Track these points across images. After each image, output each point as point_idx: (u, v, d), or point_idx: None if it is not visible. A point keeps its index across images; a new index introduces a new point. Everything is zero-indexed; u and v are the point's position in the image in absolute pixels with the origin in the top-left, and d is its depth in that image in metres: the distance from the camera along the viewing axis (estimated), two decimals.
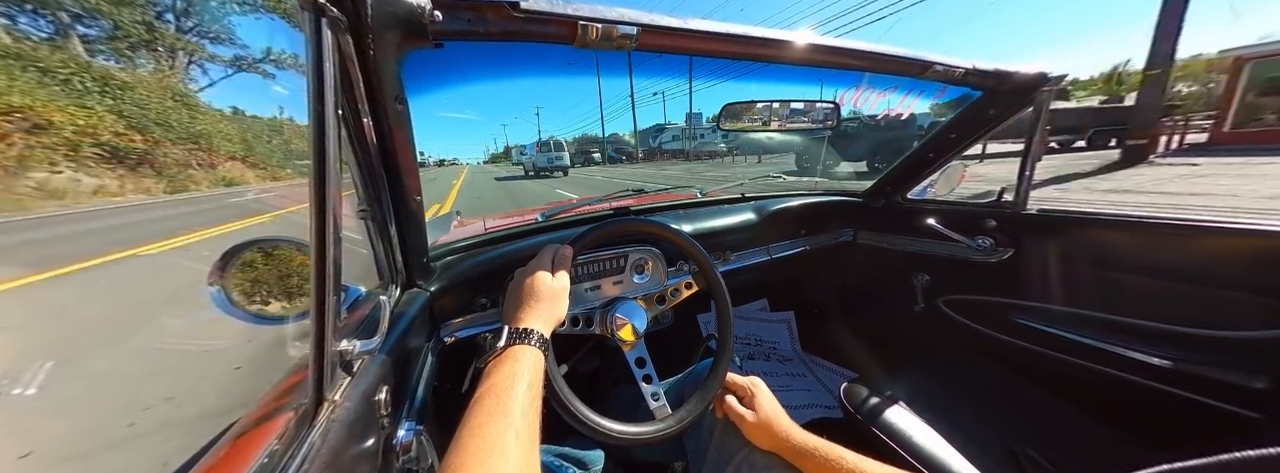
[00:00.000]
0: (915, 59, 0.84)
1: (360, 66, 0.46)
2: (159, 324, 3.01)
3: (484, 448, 0.42)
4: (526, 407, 0.48)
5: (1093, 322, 1.07)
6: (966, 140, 1.26)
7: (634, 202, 1.46)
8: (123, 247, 5.47)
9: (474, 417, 0.45)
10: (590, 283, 0.94)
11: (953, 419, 0.93)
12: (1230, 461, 0.41)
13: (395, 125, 0.55)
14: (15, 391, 2.12)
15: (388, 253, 0.70)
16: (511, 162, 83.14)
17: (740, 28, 0.64)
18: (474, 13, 0.49)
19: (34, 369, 2.29)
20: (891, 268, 1.53)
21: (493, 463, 0.40)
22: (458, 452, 0.41)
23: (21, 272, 4.42)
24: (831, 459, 0.61)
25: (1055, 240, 1.13)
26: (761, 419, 0.71)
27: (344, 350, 0.46)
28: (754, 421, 0.71)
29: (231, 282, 0.56)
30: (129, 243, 5.72)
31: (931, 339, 1.46)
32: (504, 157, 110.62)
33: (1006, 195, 1.22)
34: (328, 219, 0.39)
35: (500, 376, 0.51)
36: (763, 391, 0.76)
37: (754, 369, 1.71)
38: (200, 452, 0.44)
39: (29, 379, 2.19)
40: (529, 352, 0.55)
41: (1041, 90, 1.01)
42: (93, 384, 2.21)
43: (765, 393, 0.76)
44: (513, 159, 75.58)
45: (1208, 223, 0.91)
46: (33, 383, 2.17)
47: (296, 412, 0.44)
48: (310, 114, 0.37)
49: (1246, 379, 0.85)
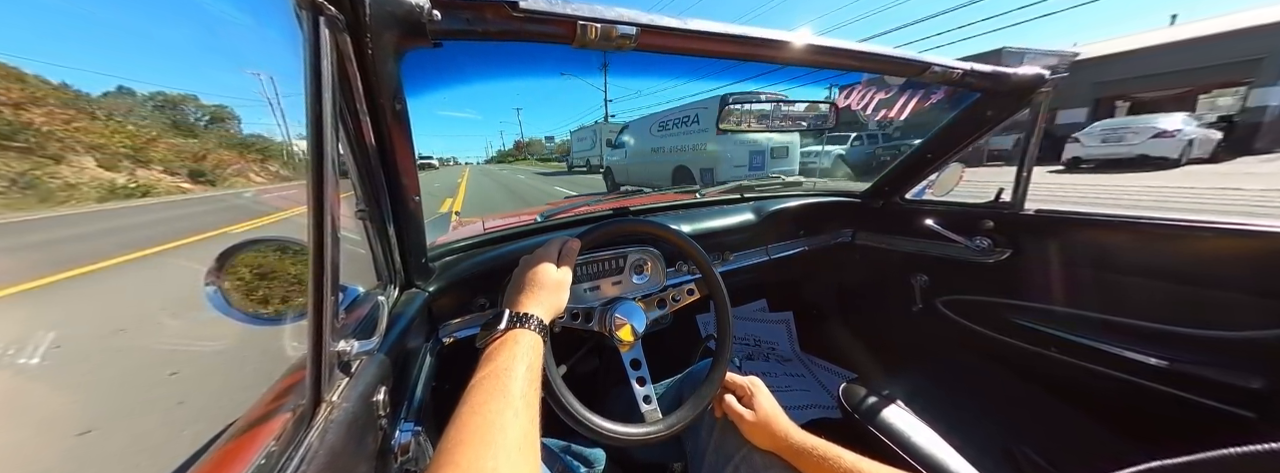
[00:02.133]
0: (913, 60, 0.84)
1: (358, 66, 0.46)
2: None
3: (483, 425, 0.42)
4: (526, 388, 0.48)
5: (1090, 322, 1.08)
6: (965, 141, 1.27)
7: (633, 202, 1.46)
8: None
9: (474, 396, 0.45)
10: (589, 283, 0.94)
11: (951, 419, 0.93)
12: (1223, 457, 0.41)
13: (394, 125, 0.55)
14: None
15: (386, 253, 0.70)
16: (535, 157, 76.18)
17: (739, 28, 0.64)
18: (473, 12, 0.48)
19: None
20: (890, 268, 1.53)
21: (492, 439, 0.40)
22: (457, 428, 0.41)
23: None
24: (829, 459, 0.61)
25: (1053, 241, 1.13)
26: (760, 419, 0.71)
27: (342, 351, 0.46)
28: (753, 420, 0.71)
29: (229, 282, 0.56)
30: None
31: (930, 340, 1.47)
32: (514, 153, 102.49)
33: (1005, 196, 1.23)
34: (326, 219, 0.39)
35: (500, 358, 0.51)
36: (762, 390, 0.76)
37: (753, 369, 1.71)
38: (197, 453, 0.44)
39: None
40: (528, 336, 0.56)
41: (1039, 91, 1.02)
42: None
43: (764, 393, 0.76)
44: (540, 154, 68.37)
45: (1204, 223, 0.91)
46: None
47: (294, 413, 0.44)
48: (308, 114, 0.37)
49: (1243, 379, 0.86)
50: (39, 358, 2.45)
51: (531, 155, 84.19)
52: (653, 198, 1.63)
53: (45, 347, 2.60)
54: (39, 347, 2.57)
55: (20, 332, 2.92)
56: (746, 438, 0.72)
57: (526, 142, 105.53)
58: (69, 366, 2.41)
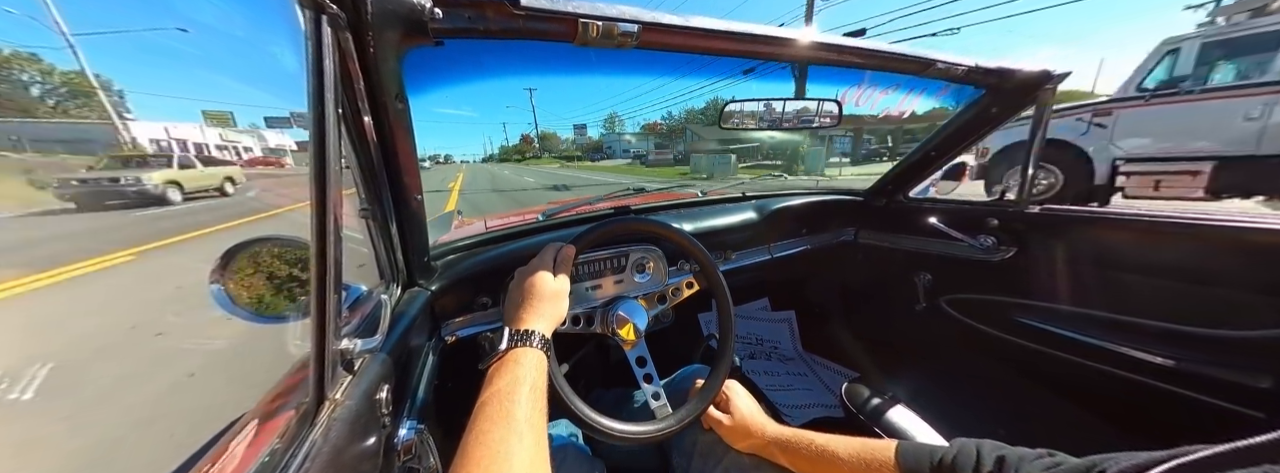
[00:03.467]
0: (917, 57, 0.84)
1: (360, 64, 0.46)
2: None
3: (489, 455, 0.42)
4: (530, 411, 0.48)
5: (1095, 321, 1.07)
6: (969, 139, 1.26)
7: (634, 201, 1.46)
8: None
9: (478, 423, 0.45)
10: (591, 282, 0.94)
11: (954, 419, 0.92)
12: (1213, 455, 0.41)
13: (396, 124, 0.55)
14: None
15: (388, 252, 0.70)
16: (551, 154, 68.72)
17: (741, 25, 0.64)
18: (474, 10, 0.48)
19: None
20: (893, 267, 1.52)
21: (498, 470, 0.41)
22: (463, 459, 0.42)
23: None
24: (802, 445, 0.63)
25: (1058, 239, 1.13)
26: (737, 422, 0.72)
27: (345, 349, 0.46)
28: (730, 424, 0.72)
29: (233, 280, 0.56)
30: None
31: (933, 339, 1.46)
32: (524, 147, 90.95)
33: (1009, 194, 1.22)
34: (329, 218, 0.39)
35: (503, 381, 0.51)
36: (737, 393, 0.77)
37: (755, 369, 1.71)
38: (202, 450, 0.44)
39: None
40: (531, 354, 0.56)
41: (1044, 88, 1.01)
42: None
43: (739, 395, 0.76)
44: (557, 150, 60.05)
45: (1211, 221, 0.90)
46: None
47: (298, 410, 0.44)
48: (310, 112, 0.37)
49: (1252, 379, 0.85)
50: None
51: (547, 152, 75.09)
52: (654, 197, 1.62)
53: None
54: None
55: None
56: (728, 443, 0.73)
57: (541, 135, 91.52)
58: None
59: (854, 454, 0.57)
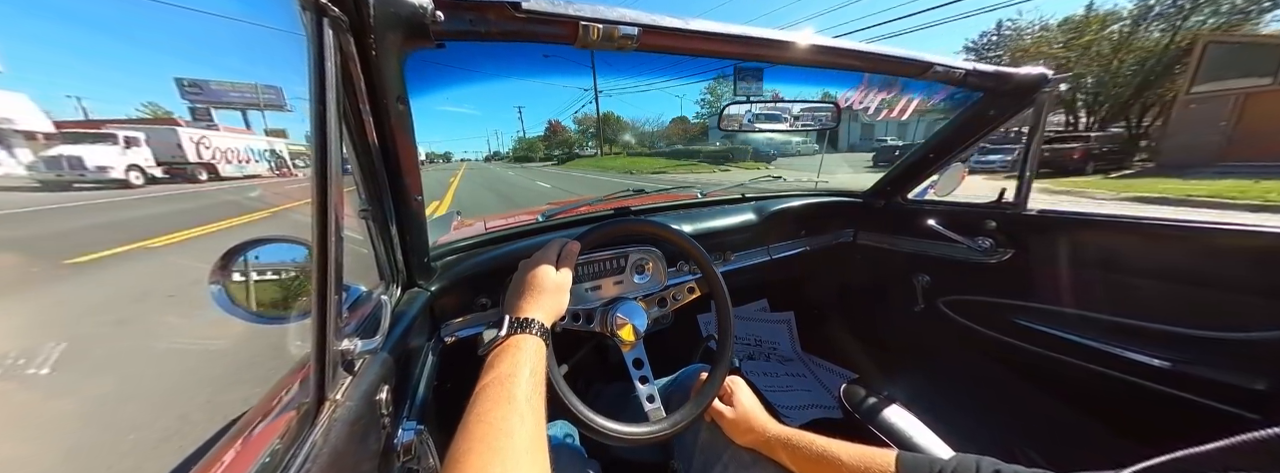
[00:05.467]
0: (915, 60, 0.84)
1: (362, 67, 0.46)
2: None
3: (490, 432, 0.42)
4: (530, 392, 0.49)
5: (1093, 323, 1.07)
6: (967, 142, 1.26)
7: (634, 202, 1.46)
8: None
9: (479, 404, 0.46)
10: (591, 283, 0.94)
11: (952, 420, 0.93)
12: (1209, 453, 0.41)
13: (397, 125, 0.55)
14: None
15: (388, 252, 0.70)
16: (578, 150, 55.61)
17: (741, 28, 0.65)
18: (475, 13, 0.49)
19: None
20: (892, 268, 1.53)
21: (500, 445, 0.41)
22: (464, 436, 0.42)
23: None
24: (803, 446, 0.63)
25: (1056, 241, 1.13)
26: (739, 415, 0.72)
27: (345, 350, 0.46)
28: (732, 417, 0.73)
29: (233, 280, 0.56)
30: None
31: (931, 340, 1.46)
32: (537, 144, 79.75)
33: (1007, 196, 1.23)
34: (329, 218, 0.39)
35: (504, 364, 0.51)
36: (741, 388, 0.77)
37: (754, 370, 1.71)
38: (201, 450, 0.44)
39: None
40: (531, 340, 0.56)
41: (1041, 91, 1.01)
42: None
43: (743, 390, 0.77)
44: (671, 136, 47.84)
45: (1208, 224, 0.91)
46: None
47: (298, 411, 0.44)
48: (312, 114, 0.37)
49: (1247, 381, 0.85)
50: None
51: (610, 144, 56.60)
52: (654, 198, 1.63)
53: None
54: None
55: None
56: (729, 437, 0.73)
57: (603, 117, 61.05)
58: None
59: (855, 459, 0.58)
